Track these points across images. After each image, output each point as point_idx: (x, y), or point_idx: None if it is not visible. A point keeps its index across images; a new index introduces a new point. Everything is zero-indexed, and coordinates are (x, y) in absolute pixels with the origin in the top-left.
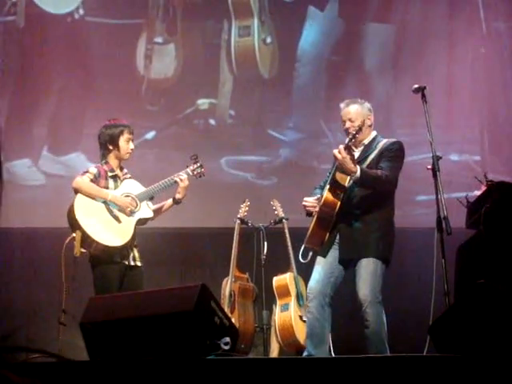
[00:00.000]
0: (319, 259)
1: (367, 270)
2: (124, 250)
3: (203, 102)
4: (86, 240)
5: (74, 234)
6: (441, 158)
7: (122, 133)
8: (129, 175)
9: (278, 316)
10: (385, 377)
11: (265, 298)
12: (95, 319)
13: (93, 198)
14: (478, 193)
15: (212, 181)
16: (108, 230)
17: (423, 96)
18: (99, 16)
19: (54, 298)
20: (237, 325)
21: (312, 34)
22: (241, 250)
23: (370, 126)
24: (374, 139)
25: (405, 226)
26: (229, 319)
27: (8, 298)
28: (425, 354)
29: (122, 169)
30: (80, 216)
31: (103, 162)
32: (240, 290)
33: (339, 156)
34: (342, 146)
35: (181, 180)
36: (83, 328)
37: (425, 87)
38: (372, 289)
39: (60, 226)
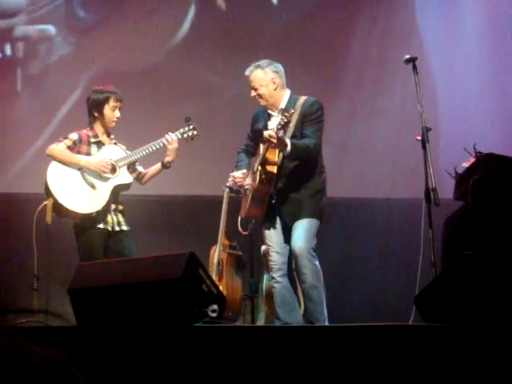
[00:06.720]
0: (268, 232)
1: (303, 227)
2: (106, 216)
3: None
4: (58, 207)
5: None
6: (430, 129)
7: (107, 100)
8: (114, 141)
9: (266, 285)
10: (371, 345)
11: (253, 267)
12: (83, 285)
13: (66, 164)
14: (466, 164)
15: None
16: (80, 196)
17: (414, 67)
18: None
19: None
20: (224, 293)
21: None
22: (229, 219)
23: (277, 88)
24: (289, 100)
25: (392, 197)
26: (217, 287)
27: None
28: (410, 323)
29: (109, 135)
30: (52, 183)
31: (89, 127)
32: (228, 259)
33: (273, 140)
34: (274, 129)
35: (168, 142)
36: (71, 294)
37: (416, 58)
38: (307, 243)
39: (37, 192)
